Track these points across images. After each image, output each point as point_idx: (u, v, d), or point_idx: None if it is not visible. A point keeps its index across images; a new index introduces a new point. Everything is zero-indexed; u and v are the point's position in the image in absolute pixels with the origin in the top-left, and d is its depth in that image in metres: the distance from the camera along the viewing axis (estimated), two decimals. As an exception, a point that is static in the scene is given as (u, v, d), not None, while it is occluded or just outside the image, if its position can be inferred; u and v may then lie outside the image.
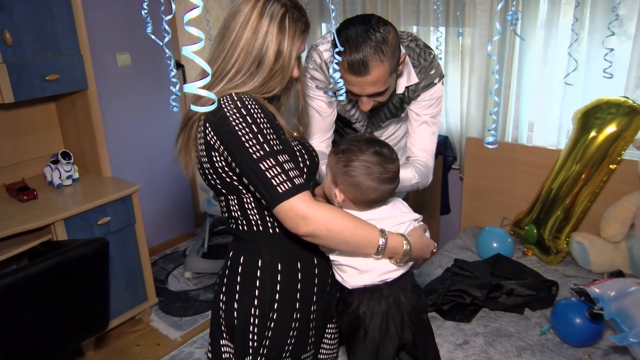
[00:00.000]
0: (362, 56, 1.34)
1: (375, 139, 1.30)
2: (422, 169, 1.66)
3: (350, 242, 1.17)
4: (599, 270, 2.33)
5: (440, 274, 2.31)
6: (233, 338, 1.29)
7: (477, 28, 2.75)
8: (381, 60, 1.36)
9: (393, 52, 1.39)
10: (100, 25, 3.03)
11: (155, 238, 3.66)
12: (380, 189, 1.24)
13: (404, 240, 1.23)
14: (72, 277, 2.02)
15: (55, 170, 2.62)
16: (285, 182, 1.10)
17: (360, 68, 1.36)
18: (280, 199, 1.09)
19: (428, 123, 1.68)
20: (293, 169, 1.13)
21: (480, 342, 1.91)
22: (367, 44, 1.34)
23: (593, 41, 2.40)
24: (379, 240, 1.18)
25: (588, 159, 2.34)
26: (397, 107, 1.73)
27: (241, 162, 1.11)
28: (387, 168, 1.23)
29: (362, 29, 1.35)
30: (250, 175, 1.11)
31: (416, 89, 1.65)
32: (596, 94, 2.42)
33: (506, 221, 2.76)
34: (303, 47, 1.23)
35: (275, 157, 1.11)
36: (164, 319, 2.94)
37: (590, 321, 1.78)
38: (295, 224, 1.11)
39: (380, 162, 1.22)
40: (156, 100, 3.43)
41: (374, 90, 1.43)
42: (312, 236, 1.13)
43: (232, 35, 1.15)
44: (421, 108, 1.67)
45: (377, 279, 1.26)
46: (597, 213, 2.44)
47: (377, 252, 1.19)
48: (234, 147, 1.11)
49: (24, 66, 2.30)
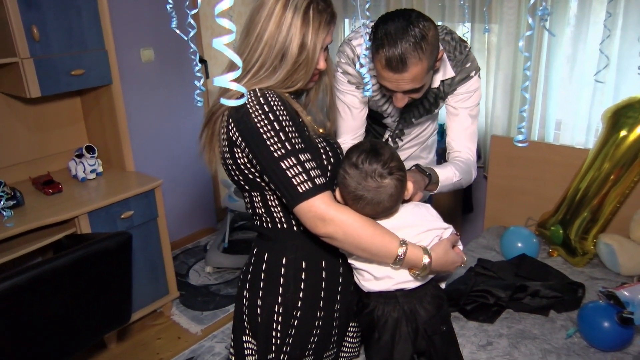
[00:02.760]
0: (400, 52, 1.29)
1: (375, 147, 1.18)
2: (463, 166, 1.61)
3: (367, 249, 1.14)
4: (627, 273, 2.27)
5: (463, 273, 2.28)
6: (256, 335, 1.28)
7: (504, 25, 2.70)
8: (420, 58, 1.31)
9: (432, 50, 1.35)
10: (125, 21, 3.06)
11: (176, 232, 3.69)
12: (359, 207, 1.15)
13: (424, 253, 1.17)
14: (96, 270, 2.04)
15: (80, 164, 2.66)
16: (306, 181, 1.08)
17: (398, 65, 1.31)
18: (300, 198, 1.08)
19: (467, 116, 1.65)
20: (314, 169, 1.11)
21: (504, 343, 1.87)
22: (407, 40, 1.29)
23: (626, 37, 2.34)
24: (398, 251, 1.14)
25: (618, 159, 2.27)
26: (431, 103, 1.70)
27: (262, 160, 1.10)
28: (363, 185, 1.14)
29: (402, 25, 1.30)
30: (271, 174, 1.10)
31: (452, 83, 1.62)
32: (628, 92, 2.36)
33: (531, 221, 2.71)
34: (329, 39, 1.20)
35: (297, 156, 1.09)
36: (185, 313, 2.96)
37: (619, 325, 1.73)
38: (314, 225, 1.10)
39: (358, 176, 1.14)
40: (179, 96, 3.45)
41: (410, 87, 1.39)
42: (329, 238, 1.11)
43: (256, 29, 1.13)
44: (459, 102, 1.63)
45: (392, 287, 1.22)
46: (626, 215, 2.37)
47: (395, 262, 1.15)
48: (255, 145, 1.10)
49: (51, 61, 2.33)
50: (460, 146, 1.67)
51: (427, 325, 1.25)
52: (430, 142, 2.01)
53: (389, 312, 1.25)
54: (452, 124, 1.67)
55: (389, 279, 1.21)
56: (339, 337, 1.37)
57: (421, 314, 1.24)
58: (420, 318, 1.24)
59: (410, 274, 1.19)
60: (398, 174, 1.15)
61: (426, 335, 1.25)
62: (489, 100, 2.91)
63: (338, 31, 3.59)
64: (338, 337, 1.36)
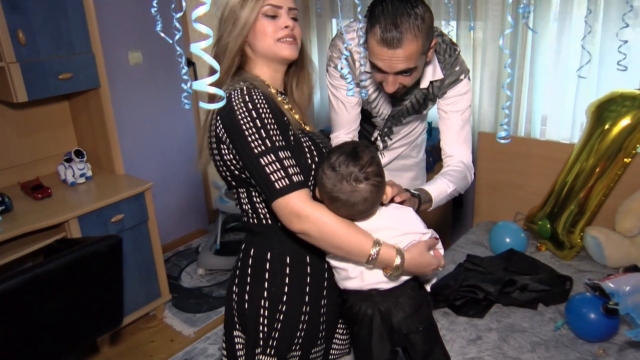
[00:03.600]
0: (397, 29, 1.30)
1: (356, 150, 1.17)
2: (456, 174, 1.59)
3: (342, 247, 1.16)
4: (614, 265, 2.30)
5: (453, 269, 2.30)
6: (245, 329, 1.30)
7: (489, 22, 2.73)
8: (415, 35, 1.32)
9: (427, 32, 1.36)
10: (112, 23, 3.05)
11: (168, 235, 3.69)
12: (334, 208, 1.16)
13: (397, 254, 1.18)
14: (87, 274, 2.04)
15: (69, 168, 2.65)
16: (284, 178, 1.11)
17: (394, 41, 1.31)
18: (277, 194, 1.11)
19: (459, 119, 1.65)
20: (293, 166, 1.14)
21: (494, 337, 1.90)
22: (404, 18, 1.30)
23: (607, 33, 2.37)
24: (371, 250, 1.15)
25: (602, 152, 2.31)
26: (420, 104, 1.70)
27: (243, 156, 1.14)
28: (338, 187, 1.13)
29: (400, 3, 1.31)
30: (251, 169, 1.14)
31: (441, 86, 1.63)
32: (610, 86, 2.39)
33: (519, 216, 2.74)
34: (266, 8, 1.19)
35: (276, 153, 1.12)
36: (178, 315, 2.97)
37: (605, 316, 1.76)
38: (289, 221, 1.13)
39: (334, 178, 1.14)
40: (168, 98, 3.45)
41: (402, 67, 1.37)
42: (304, 234, 1.14)
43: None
44: (450, 105, 1.64)
45: (366, 286, 1.24)
46: (611, 207, 2.41)
47: (368, 261, 1.17)
48: (237, 140, 1.14)
49: (38, 65, 2.32)
50: (454, 150, 1.66)
51: (402, 324, 1.25)
52: (419, 141, 2.02)
53: (365, 309, 1.27)
54: (444, 127, 1.67)
55: (362, 279, 1.23)
56: (328, 334, 1.38)
57: (396, 313, 1.25)
58: (395, 317, 1.25)
59: (384, 274, 1.21)
60: (374, 180, 1.15)
61: (402, 333, 1.26)
62: (475, 97, 2.93)
63: (326, 31, 3.61)
64: (326, 333, 1.37)
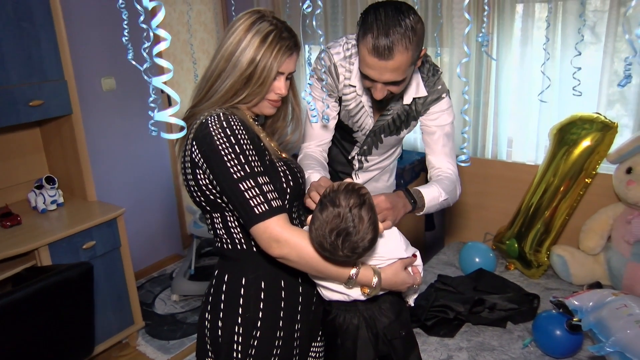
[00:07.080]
0: (389, 40, 1.31)
1: (347, 229, 1.11)
2: (448, 183, 1.61)
3: (321, 270, 1.19)
4: (579, 282, 2.37)
5: (424, 289, 2.34)
6: (218, 356, 1.30)
7: (455, 48, 2.83)
8: (406, 47, 1.33)
9: (418, 43, 1.38)
10: (85, 50, 3.06)
11: (142, 261, 3.65)
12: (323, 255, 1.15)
13: (374, 274, 1.21)
14: (57, 302, 2.01)
15: (40, 195, 2.62)
16: (263, 203, 1.13)
17: (385, 52, 1.33)
18: (256, 219, 1.13)
19: (442, 135, 1.68)
20: (272, 191, 1.16)
21: (464, 356, 1.93)
22: (396, 29, 1.31)
23: (566, 59, 2.49)
24: (351, 272, 1.19)
25: (565, 173, 2.40)
26: (401, 120, 1.73)
27: (222, 181, 1.14)
28: (322, 248, 1.12)
29: (394, 13, 1.33)
30: (230, 194, 1.14)
31: (424, 103, 1.67)
32: (571, 110, 2.50)
33: (488, 236, 2.80)
34: (291, 67, 1.25)
35: (255, 179, 1.14)
36: (151, 343, 2.92)
37: (569, 332, 1.81)
38: (268, 245, 1.14)
39: (321, 240, 1.11)
40: (142, 124, 3.45)
41: (391, 78, 1.40)
42: (283, 259, 1.16)
43: (221, 50, 1.22)
44: (434, 120, 1.68)
45: (348, 298, 1.28)
46: (575, 226, 2.49)
47: (347, 282, 1.21)
48: (216, 166, 1.14)
49: (8, 92, 2.31)
50: (440, 162, 1.69)
51: (387, 330, 1.30)
52: (391, 167, 2.07)
53: (350, 318, 1.30)
54: (430, 141, 1.70)
55: (343, 293, 1.27)
56: (301, 357, 1.39)
57: (381, 320, 1.30)
58: (379, 324, 1.30)
59: (362, 293, 1.25)
60: (355, 255, 1.14)
61: (386, 339, 1.30)
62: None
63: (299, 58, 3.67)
64: (300, 356, 1.38)
